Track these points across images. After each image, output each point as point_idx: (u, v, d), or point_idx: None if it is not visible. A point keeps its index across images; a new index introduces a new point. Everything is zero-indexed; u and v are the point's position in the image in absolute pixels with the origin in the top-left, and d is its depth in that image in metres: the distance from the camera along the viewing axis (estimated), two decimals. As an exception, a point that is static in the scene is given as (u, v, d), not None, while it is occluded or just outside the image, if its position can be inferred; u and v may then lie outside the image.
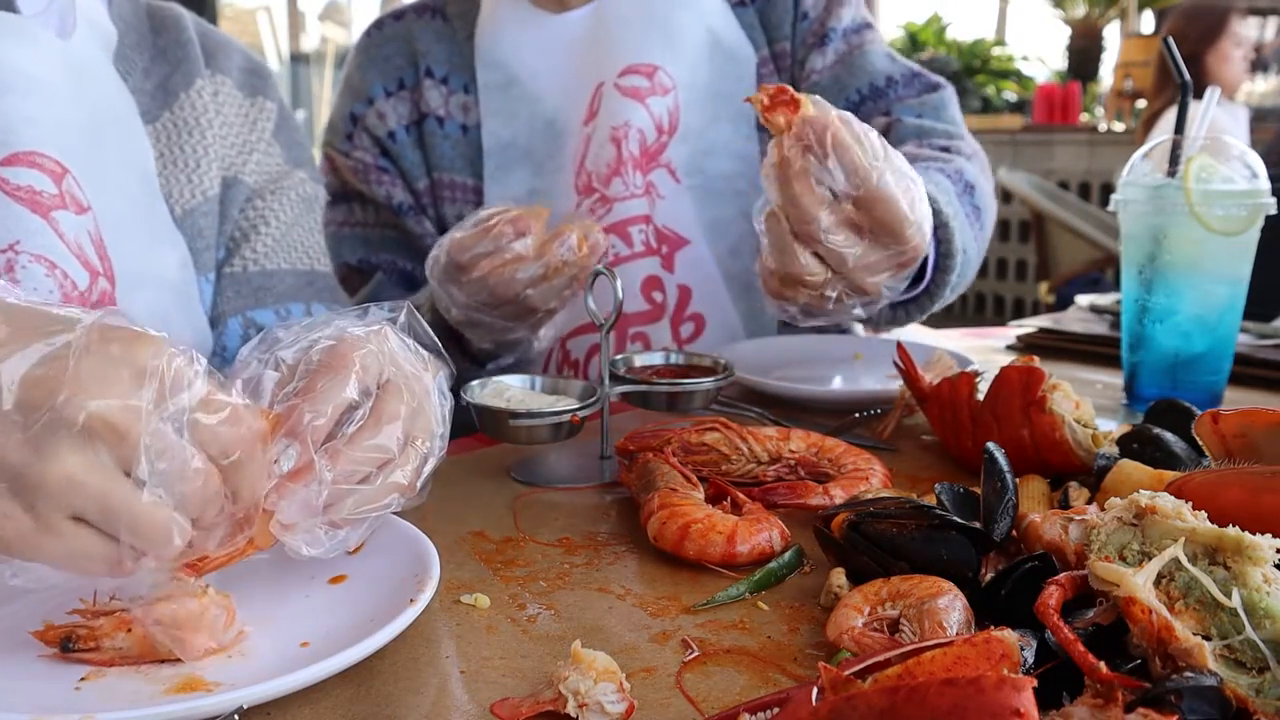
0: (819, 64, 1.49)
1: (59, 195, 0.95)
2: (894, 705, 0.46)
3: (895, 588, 0.72)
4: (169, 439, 0.59)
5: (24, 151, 0.94)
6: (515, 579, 0.82)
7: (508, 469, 1.06)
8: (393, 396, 0.71)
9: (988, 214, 1.35)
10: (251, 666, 0.67)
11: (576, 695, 0.60)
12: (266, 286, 1.17)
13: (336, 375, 0.69)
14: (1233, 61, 4.27)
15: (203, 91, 1.15)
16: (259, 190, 1.20)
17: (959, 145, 1.40)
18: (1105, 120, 7.70)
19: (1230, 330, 1.22)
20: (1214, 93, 1.25)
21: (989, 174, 1.42)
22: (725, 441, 0.99)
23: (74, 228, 0.96)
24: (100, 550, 0.59)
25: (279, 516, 0.67)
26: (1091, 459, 0.92)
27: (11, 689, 0.65)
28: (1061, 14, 8.30)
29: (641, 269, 1.45)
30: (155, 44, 1.15)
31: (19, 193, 0.93)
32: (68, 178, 0.96)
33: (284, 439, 0.67)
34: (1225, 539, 0.59)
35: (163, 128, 1.12)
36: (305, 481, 0.67)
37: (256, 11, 8.70)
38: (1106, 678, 0.52)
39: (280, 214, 1.20)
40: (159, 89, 1.13)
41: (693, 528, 0.83)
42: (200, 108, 1.15)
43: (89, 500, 0.58)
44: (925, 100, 1.46)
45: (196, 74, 1.16)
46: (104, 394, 0.57)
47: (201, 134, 1.14)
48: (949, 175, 1.27)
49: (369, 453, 0.69)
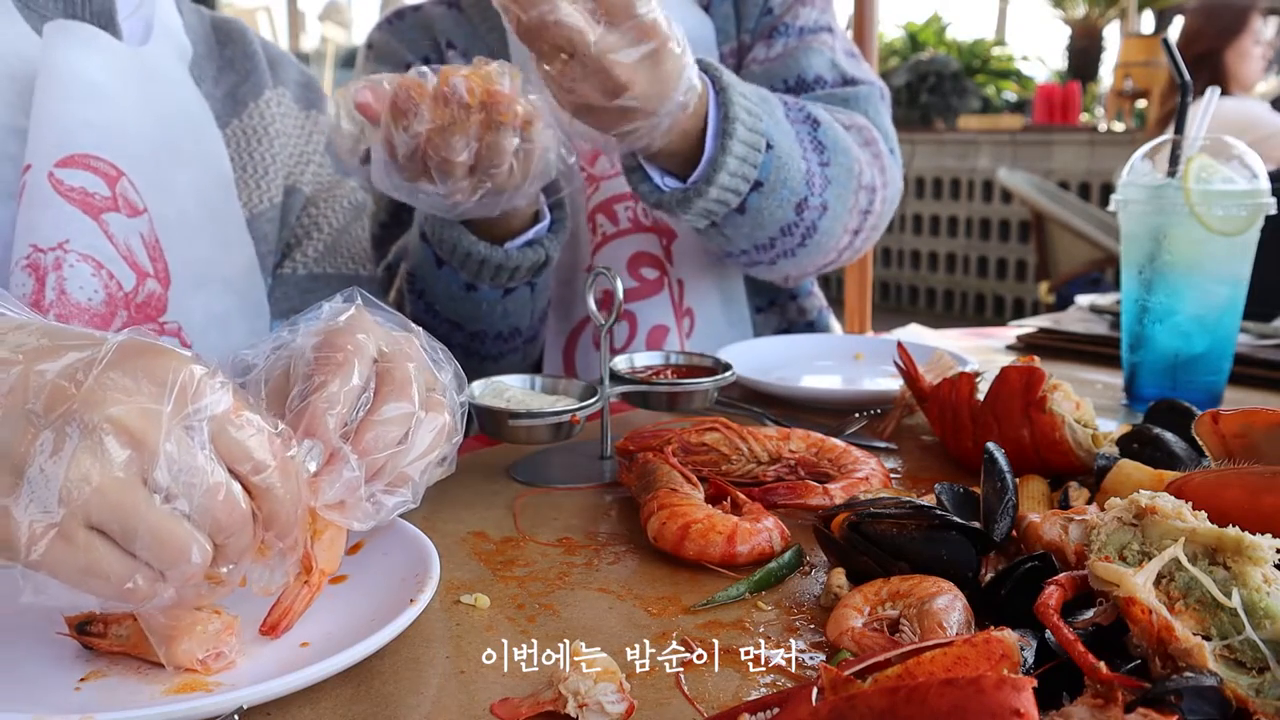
0: (761, 54, 1.49)
1: (111, 198, 0.98)
2: (894, 705, 0.46)
3: (895, 588, 0.72)
4: (189, 448, 0.58)
5: (79, 154, 0.97)
6: (515, 579, 0.82)
7: (508, 469, 1.06)
8: (396, 362, 0.72)
9: (836, 156, 1.30)
10: (251, 666, 0.67)
11: (576, 695, 0.60)
12: (312, 290, 1.22)
13: (339, 367, 0.69)
14: (1252, 59, 4.26)
15: (270, 102, 1.20)
16: (313, 198, 1.25)
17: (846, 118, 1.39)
18: (1105, 120, 7.71)
19: (1230, 330, 1.22)
20: (1214, 93, 1.25)
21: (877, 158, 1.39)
22: (725, 441, 0.99)
23: (124, 229, 0.99)
24: (116, 566, 0.57)
25: (321, 501, 0.67)
26: (1091, 459, 0.92)
27: (11, 689, 0.65)
28: (1061, 14, 8.31)
29: (628, 245, 1.44)
30: (222, 54, 1.20)
31: (71, 194, 0.96)
32: (123, 180, 0.99)
33: (305, 439, 0.66)
34: (1225, 539, 0.59)
35: (232, 134, 1.16)
36: (333, 472, 0.67)
37: (256, 11, 8.71)
38: (1106, 678, 0.52)
39: (332, 220, 1.25)
40: (228, 97, 1.17)
41: (693, 528, 0.83)
42: (269, 117, 1.19)
43: (105, 506, 0.56)
44: (835, 94, 1.45)
45: (265, 85, 1.20)
46: (123, 402, 0.56)
47: (270, 142, 1.18)
48: (785, 101, 1.28)
49: (394, 419, 0.69)
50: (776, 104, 1.26)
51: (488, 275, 1.23)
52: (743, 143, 1.16)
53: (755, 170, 1.19)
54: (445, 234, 1.20)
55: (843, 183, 1.31)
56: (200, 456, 0.58)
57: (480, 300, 1.27)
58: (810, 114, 1.30)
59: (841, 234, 1.35)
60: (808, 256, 1.34)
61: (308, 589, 0.69)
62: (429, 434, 0.71)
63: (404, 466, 0.70)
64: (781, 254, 1.32)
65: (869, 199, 1.36)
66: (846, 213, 1.33)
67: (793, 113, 1.28)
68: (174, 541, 0.58)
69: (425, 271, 1.27)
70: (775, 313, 1.62)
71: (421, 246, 1.26)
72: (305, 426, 0.67)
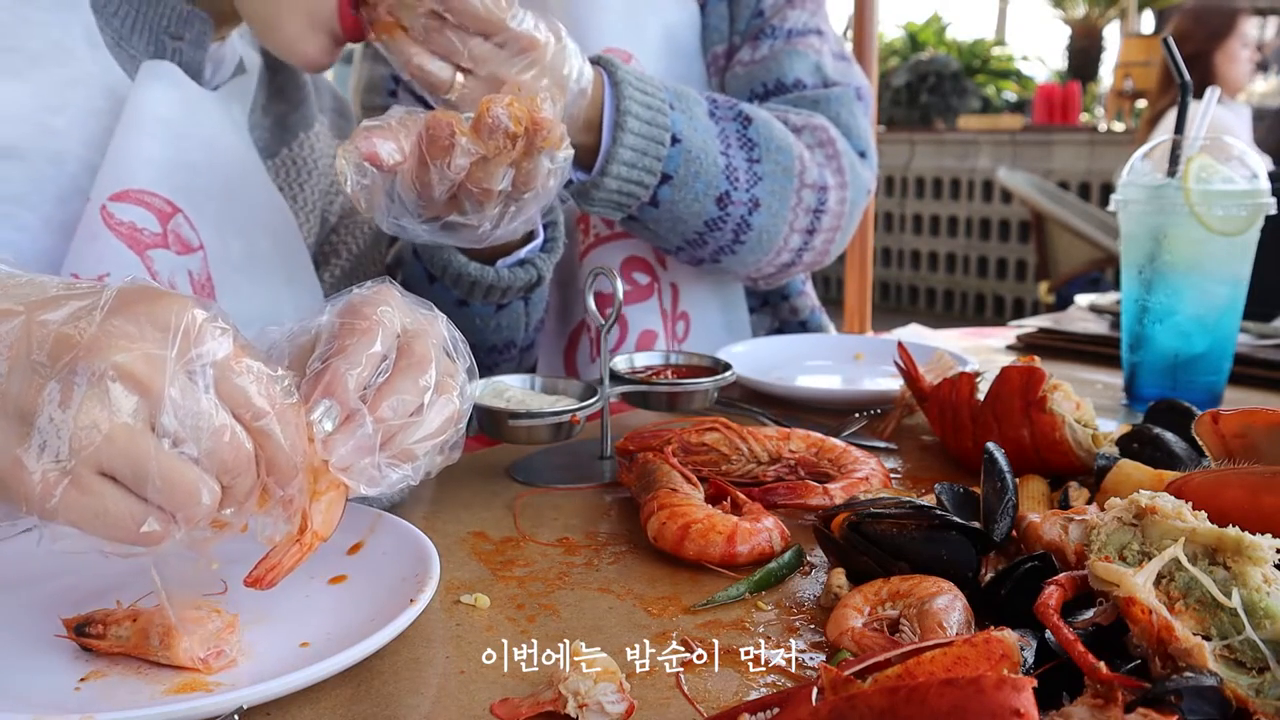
0: (745, 57, 1.49)
1: (161, 234, 0.99)
2: (894, 705, 0.46)
3: (895, 588, 0.72)
4: (194, 392, 0.59)
5: (135, 189, 0.97)
6: (515, 579, 0.82)
7: (508, 469, 1.06)
8: (418, 339, 0.72)
9: (768, 153, 1.30)
10: (251, 666, 0.67)
11: (576, 695, 0.60)
12: None
13: (363, 334, 0.69)
14: (1240, 62, 4.27)
15: (319, 135, 1.19)
16: (336, 226, 1.25)
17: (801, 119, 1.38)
18: (1105, 120, 7.71)
19: (1230, 330, 1.22)
20: (1214, 93, 1.25)
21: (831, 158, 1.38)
22: (725, 441, 0.99)
23: (170, 267, 0.99)
24: (127, 508, 0.58)
25: (334, 461, 0.66)
26: (1091, 459, 0.92)
27: (11, 689, 0.65)
28: (1061, 14, 8.31)
29: (621, 249, 1.44)
30: (273, 81, 1.19)
31: (120, 227, 0.96)
32: (177, 217, 1.00)
33: (324, 399, 0.66)
34: (1225, 539, 0.59)
35: (280, 164, 1.16)
36: (348, 431, 0.67)
37: (256, 11, 8.68)
38: (1106, 678, 0.52)
39: (352, 246, 1.26)
40: (276, 125, 1.17)
41: (693, 528, 0.83)
42: (318, 150, 1.19)
43: (116, 453, 0.57)
44: (806, 96, 1.44)
45: (314, 118, 1.20)
46: (128, 349, 0.57)
47: (318, 177, 1.19)
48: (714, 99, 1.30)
49: (411, 390, 0.69)
50: (696, 100, 1.27)
51: (479, 294, 1.23)
52: (638, 135, 1.17)
53: (660, 163, 1.20)
54: (436, 254, 1.20)
55: (778, 179, 1.31)
56: (204, 401, 0.59)
57: (473, 315, 1.27)
58: (741, 111, 1.31)
59: (788, 232, 1.35)
60: (751, 254, 1.34)
61: (299, 548, 0.67)
62: (439, 416, 0.71)
63: (411, 442, 0.69)
64: (719, 251, 1.32)
65: (818, 198, 1.36)
66: (789, 210, 1.33)
67: (720, 110, 1.29)
68: (184, 484, 0.58)
69: (417, 286, 1.27)
70: (767, 312, 1.62)
71: (413, 262, 1.26)
72: (325, 385, 0.67)
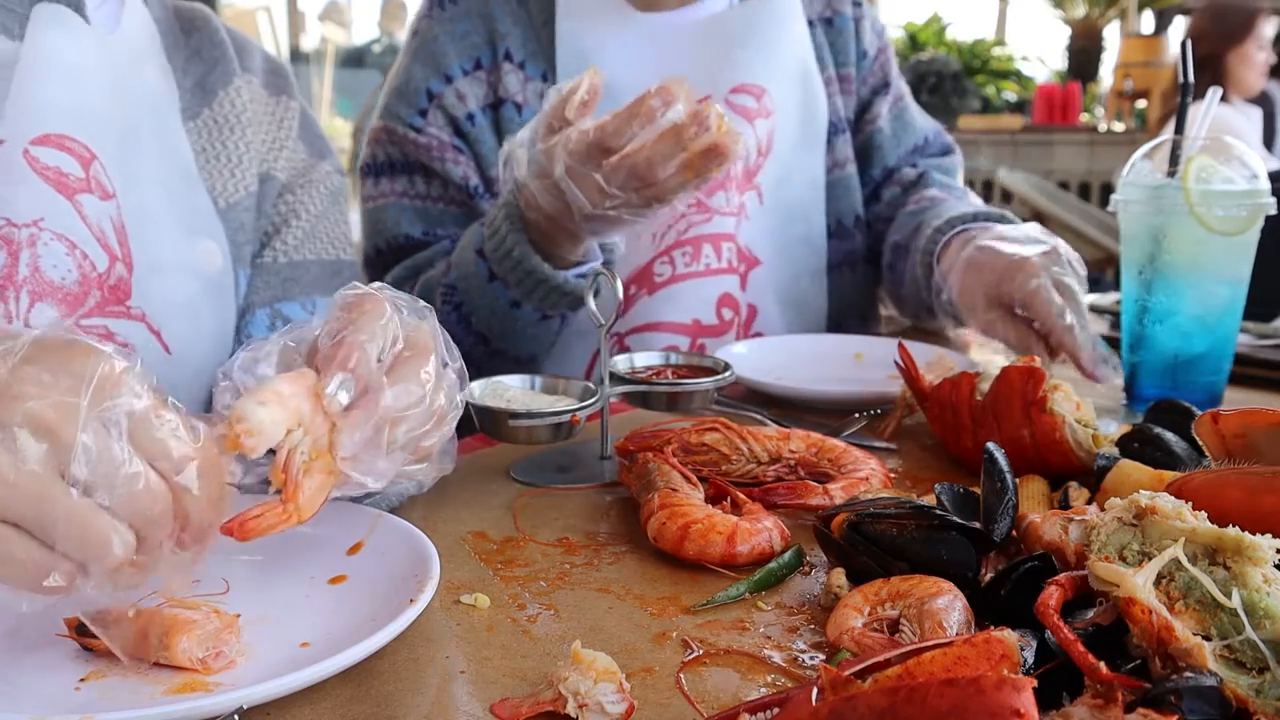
0: (882, 110, 1.65)
1: (85, 179, 0.97)
2: (894, 705, 0.46)
3: (895, 588, 0.72)
4: (106, 440, 0.57)
5: (55, 134, 0.96)
6: (515, 579, 0.82)
7: (508, 469, 1.06)
8: (420, 331, 0.72)
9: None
10: (251, 666, 0.67)
11: (576, 695, 0.61)
12: (294, 278, 1.20)
13: (372, 312, 0.69)
14: (1255, 64, 4.26)
15: (239, 90, 1.18)
16: (289, 185, 1.24)
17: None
18: (1105, 120, 7.71)
19: (1230, 330, 1.22)
20: (1215, 94, 1.25)
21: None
22: (725, 441, 0.99)
23: (97, 212, 0.98)
24: (34, 556, 0.56)
25: (340, 451, 0.66)
26: (1092, 459, 0.92)
27: (11, 689, 0.65)
28: (1061, 14, 8.30)
29: (720, 284, 1.48)
30: (188, 44, 1.18)
31: (47, 172, 0.95)
32: (95, 163, 0.98)
33: (338, 373, 0.66)
34: (1225, 539, 0.59)
35: (203, 124, 1.15)
36: (367, 408, 0.66)
37: (256, 11, 8.70)
38: (1106, 678, 0.52)
39: (310, 206, 1.24)
40: (197, 87, 1.16)
41: (693, 528, 0.83)
42: (240, 105, 1.18)
43: (21, 501, 0.55)
44: (943, 163, 1.69)
45: (233, 73, 1.19)
46: (40, 396, 0.56)
47: (242, 131, 1.17)
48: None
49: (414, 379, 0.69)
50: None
51: (538, 296, 1.26)
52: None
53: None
54: (512, 250, 1.23)
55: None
56: (117, 449, 0.57)
57: (518, 318, 1.30)
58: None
59: None
60: None
61: (281, 513, 0.66)
62: (436, 417, 0.71)
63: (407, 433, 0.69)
64: None
65: None
66: None
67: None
68: (94, 532, 0.57)
69: (472, 284, 1.30)
70: None
71: (475, 260, 1.29)
72: (339, 359, 0.66)
